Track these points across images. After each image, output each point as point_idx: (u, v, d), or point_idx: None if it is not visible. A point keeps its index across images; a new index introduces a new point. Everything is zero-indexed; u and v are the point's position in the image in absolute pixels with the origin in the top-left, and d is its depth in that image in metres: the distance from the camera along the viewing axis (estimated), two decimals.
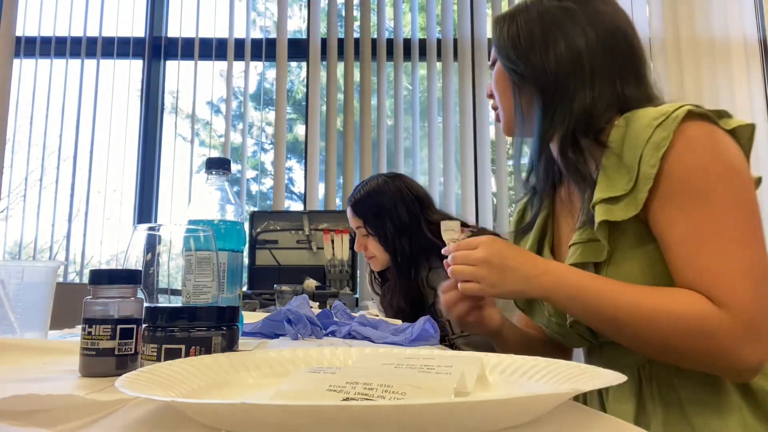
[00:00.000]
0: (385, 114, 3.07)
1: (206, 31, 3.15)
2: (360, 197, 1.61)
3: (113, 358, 0.54)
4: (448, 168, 3.02)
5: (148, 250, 0.71)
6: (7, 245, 3.02)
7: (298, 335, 0.88)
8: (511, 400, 0.32)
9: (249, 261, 2.33)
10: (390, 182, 1.60)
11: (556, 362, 0.48)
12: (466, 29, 3.12)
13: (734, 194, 0.70)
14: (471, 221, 2.93)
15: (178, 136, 3.20)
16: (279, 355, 0.55)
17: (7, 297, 0.74)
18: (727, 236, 0.69)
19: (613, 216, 0.74)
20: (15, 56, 3.07)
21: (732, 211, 0.69)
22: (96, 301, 0.56)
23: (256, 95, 3.23)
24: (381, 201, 1.57)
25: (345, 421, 0.30)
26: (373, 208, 1.58)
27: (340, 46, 3.14)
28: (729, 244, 0.68)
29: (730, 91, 3.07)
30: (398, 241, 1.53)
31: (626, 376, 0.39)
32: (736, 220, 0.69)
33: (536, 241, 0.97)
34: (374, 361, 0.51)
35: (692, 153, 0.71)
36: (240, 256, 0.86)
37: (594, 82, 0.82)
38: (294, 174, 3.42)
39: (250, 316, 1.25)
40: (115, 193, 3.05)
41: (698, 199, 0.70)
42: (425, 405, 0.30)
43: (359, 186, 1.65)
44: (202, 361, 0.49)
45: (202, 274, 0.74)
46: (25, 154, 3.05)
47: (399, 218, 1.54)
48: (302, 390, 0.39)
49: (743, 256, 0.68)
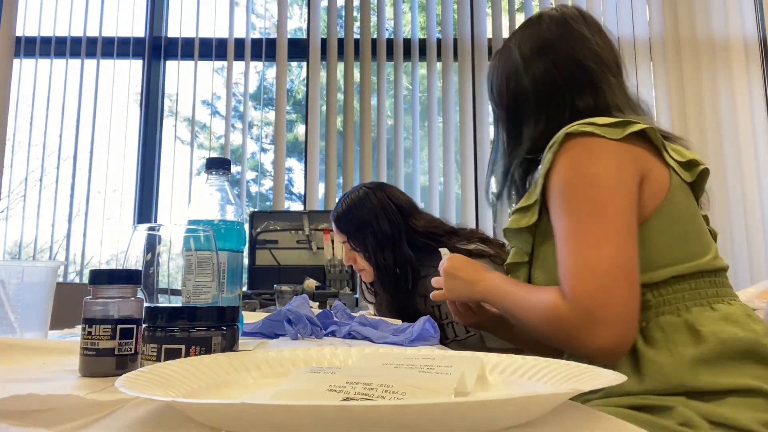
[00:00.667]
0: (385, 114, 3.07)
1: (206, 31, 3.15)
2: (341, 212, 1.58)
3: (113, 358, 0.54)
4: (448, 168, 3.02)
5: (148, 250, 0.71)
6: (7, 245, 3.02)
7: (298, 335, 0.88)
8: (511, 400, 0.32)
9: (249, 261, 2.33)
10: (371, 194, 1.56)
11: (556, 362, 0.48)
12: (466, 29, 3.12)
13: (591, 203, 0.82)
14: (471, 221, 2.93)
15: (177, 138, 3.20)
16: (279, 355, 0.55)
17: (7, 297, 0.74)
18: (581, 239, 0.80)
19: (517, 224, 0.92)
20: (15, 56, 3.07)
21: (587, 218, 0.81)
22: (96, 301, 0.56)
23: (256, 95, 3.23)
24: (361, 215, 1.53)
25: (345, 421, 0.30)
26: (354, 222, 1.54)
27: (340, 46, 3.15)
28: (581, 246, 0.80)
29: (730, 91, 3.07)
30: (381, 255, 1.50)
31: (626, 376, 0.40)
32: (590, 225, 0.81)
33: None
34: (374, 361, 0.51)
35: (563, 170, 0.85)
36: (240, 256, 0.86)
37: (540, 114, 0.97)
38: (294, 174, 3.43)
39: (250, 316, 1.25)
40: (115, 193, 3.05)
41: (565, 209, 0.83)
42: (425, 405, 0.30)
43: (341, 199, 1.61)
44: (202, 361, 0.49)
45: (202, 274, 0.74)
46: (25, 154, 3.05)
47: (381, 231, 1.50)
48: (302, 390, 0.39)
49: (591, 254, 0.79)
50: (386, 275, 1.51)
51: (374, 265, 1.52)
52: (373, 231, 1.51)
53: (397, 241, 1.50)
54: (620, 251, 0.79)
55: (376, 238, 1.50)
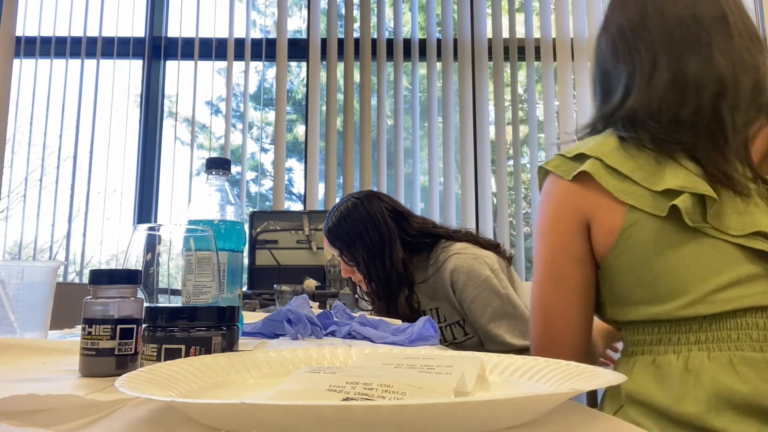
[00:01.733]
0: (385, 114, 3.07)
1: (206, 31, 3.15)
2: (331, 226, 1.55)
3: (113, 358, 0.54)
4: (448, 168, 3.02)
5: (148, 250, 0.71)
6: (7, 245, 3.02)
7: (298, 335, 0.88)
8: (511, 400, 0.32)
9: (249, 261, 2.33)
10: (359, 204, 1.53)
11: (556, 362, 0.48)
12: (466, 29, 3.12)
13: (535, 248, 0.91)
14: (471, 221, 2.93)
15: (177, 138, 3.20)
16: (279, 355, 0.55)
17: (7, 297, 0.74)
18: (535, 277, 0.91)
19: None
20: (15, 56, 3.07)
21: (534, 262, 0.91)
22: (96, 301, 0.56)
23: (256, 95, 3.23)
24: (351, 227, 1.51)
25: (345, 421, 0.30)
26: (344, 236, 1.52)
27: (340, 46, 3.14)
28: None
29: None
30: (373, 267, 1.48)
31: (625, 376, 0.40)
32: (536, 266, 0.90)
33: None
34: (374, 361, 0.51)
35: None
36: (240, 256, 0.86)
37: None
38: (294, 174, 3.43)
39: (250, 316, 1.25)
40: (115, 193, 3.05)
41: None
42: (425, 405, 0.30)
43: (330, 213, 1.58)
44: (202, 361, 0.49)
45: (202, 274, 0.74)
46: (25, 154, 3.05)
47: (372, 242, 1.48)
48: (302, 390, 0.39)
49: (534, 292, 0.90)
50: (380, 286, 1.49)
51: (366, 277, 1.50)
52: (363, 243, 1.49)
53: (390, 249, 1.47)
54: (542, 297, 0.89)
55: (367, 250, 1.48)
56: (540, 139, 3.04)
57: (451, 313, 1.48)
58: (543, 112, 3.05)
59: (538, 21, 3.14)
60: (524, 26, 3.12)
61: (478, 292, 1.39)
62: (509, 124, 3.07)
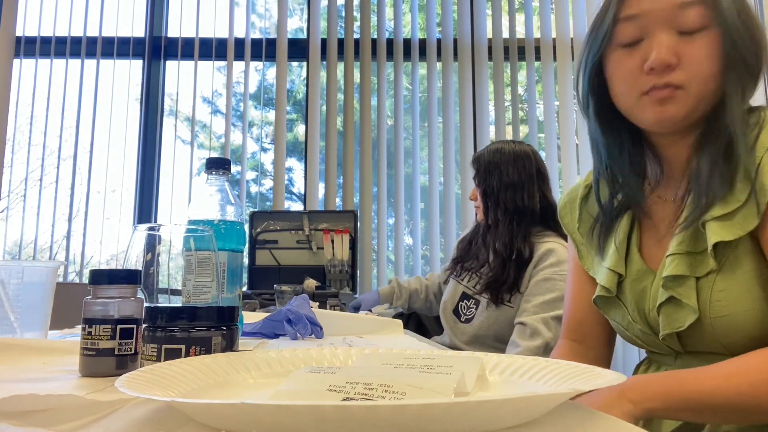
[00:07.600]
0: (385, 114, 3.07)
1: (206, 31, 3.15)
2: (481, 153, 1.69)
3: (113, 358, 0.54)
4: (448, 168, 3.02)
5: (148, 250, 0.71)
6: (7, 245, 3.02)
7: (298, 335, 0.89)
8: (511, 400, 0.32)
9: (249, 261, 2.33)
10: (513, 145, 1.66)
11: (556, 362, 0.48)
12: (466, 29, 3.12)
13: None
14: (471, 221, 2.92)
15: (178, 138, 3.20)
16: (279, 355, 0.55)
17: (7, 297, 0.74)
18: None
19: (726, 236, 0.68)
20: (15, 56, 3.07)
21: None
22: (96, 301, 0.56)
23: (256, 95, 3.23)
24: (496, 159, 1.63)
25: (345, 421, 0.30)
26: (485, 164, 1.65)
27: (340, 46, 3.14)
28: None
29: None
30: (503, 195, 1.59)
31: (625, 376, 0.39)
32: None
33: (625, 237, 0.85)
34: (374, 361, 0.51)
35: None
36: (240, 256, 0.86)
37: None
38: (294, 174, 3.43)
39: (250, 316, 1.25)
40: (115, 193, 3.05)
41: None
42: (425, 405, 0.30)
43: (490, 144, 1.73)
44: (202, 361, 0.49)
45: (202, 274, 0.74)
46: (25, 154, 3.05)
47: (507, 176, 1.60)
48: (302, 390, 0.39)
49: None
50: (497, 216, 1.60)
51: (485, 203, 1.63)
52: (500, 174, 1.61)
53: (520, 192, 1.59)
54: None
55: (501, 180, 1.60)
56: (540, 139, 3.04)
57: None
58: (543, 112, 3.05)
59: (538, 21, 3.14)
60: (524, 26, 3.13)
61: (555, 278, 1.48)
62: (509, 124, 3.07)
